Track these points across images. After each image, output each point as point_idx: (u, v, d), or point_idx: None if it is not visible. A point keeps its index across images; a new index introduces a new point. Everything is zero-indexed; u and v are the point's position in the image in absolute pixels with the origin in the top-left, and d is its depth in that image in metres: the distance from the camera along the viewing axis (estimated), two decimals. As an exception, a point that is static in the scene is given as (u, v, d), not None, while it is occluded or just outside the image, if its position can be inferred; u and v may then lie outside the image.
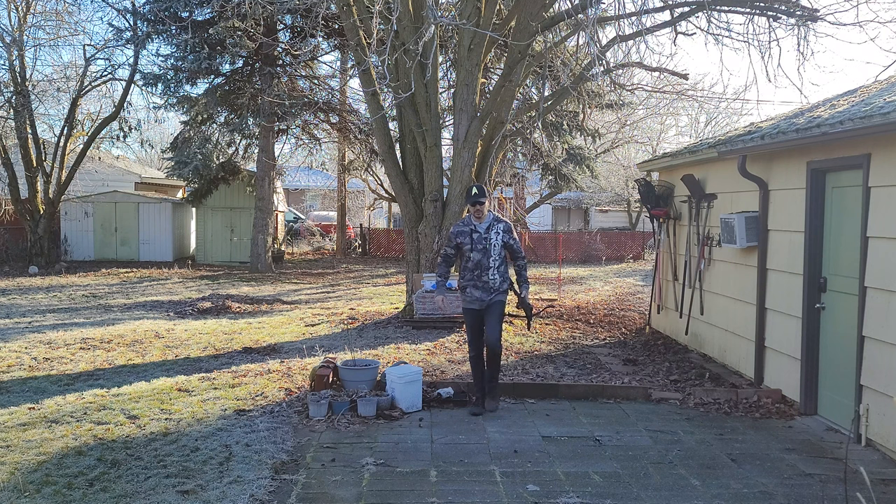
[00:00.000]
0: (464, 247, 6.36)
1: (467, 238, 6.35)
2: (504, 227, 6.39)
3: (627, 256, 26.23)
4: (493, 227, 6.36)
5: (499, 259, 6.33)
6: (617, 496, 4.66)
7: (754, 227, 7.41)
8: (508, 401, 6.92)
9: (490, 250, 6.29)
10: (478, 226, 6.35)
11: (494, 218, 6.42)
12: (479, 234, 6.32)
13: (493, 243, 6.31)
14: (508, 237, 6.40)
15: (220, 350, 9.09)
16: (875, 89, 7.04)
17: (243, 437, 5.71)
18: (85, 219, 21.71)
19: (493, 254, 6.29)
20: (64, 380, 7.46)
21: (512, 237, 6.41)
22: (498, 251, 6.32)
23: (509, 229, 6.42)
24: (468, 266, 6.36)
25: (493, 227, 6.36)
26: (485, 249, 6.29)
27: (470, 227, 6.37)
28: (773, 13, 8.63)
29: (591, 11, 7.72)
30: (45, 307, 12.57)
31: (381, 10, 9.10)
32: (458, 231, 6.41)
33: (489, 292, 6.33)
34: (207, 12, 17.50)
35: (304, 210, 39.04)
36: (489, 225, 6.36)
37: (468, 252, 6.34)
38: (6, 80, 19.06)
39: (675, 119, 28.51)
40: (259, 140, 19.57)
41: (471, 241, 6.33)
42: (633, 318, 12.13)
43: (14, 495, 4.50)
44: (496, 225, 6.38)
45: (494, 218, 6.42)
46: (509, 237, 6.40)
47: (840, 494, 4.68)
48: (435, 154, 10.67)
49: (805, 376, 6.53)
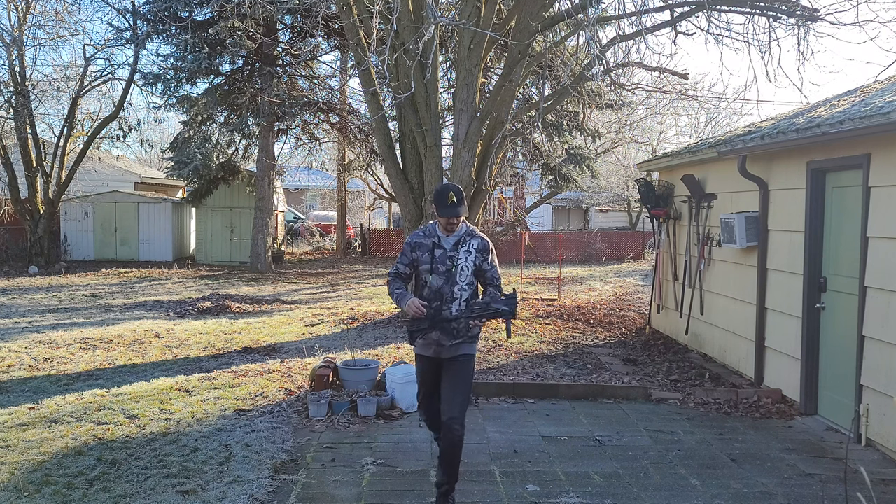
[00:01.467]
0: (420, 266, 4.56)
1: (426, 254, 4.53)
2: (479, 245, 4.55)
3: (627, 256, 26.22)
4: (463, 243, 4.53)
5: (467, 289, 4.52)
6: (617, 496, 4.66)
7: (754, 226, 7.41)
8: (508, 401, 6.93)
9: (456, 275, 4.48)
10: (443, 239, 4.54)
11: (468, 231, 4.59)
12: (442, 252, 4.50)
13: (460, 266, 4.49)
14: (484, 260, 4.53)
15: (220, 350, 9.09)
16: (875, 89, 7.04)
17: (243, 437, 5.70)
18: (85, 219, 21.70)
19: (460, 280, 4.48)
20: (64, 380, 7.46)
21: (489, 260, 4.56)
22: (467, 277, 4.50)
23: (486, 248, 4.56)
24: (423, 294, 4.53)
25: (465, 243, 4.53)
26: (449, 273, 4.47)
27: (432, 240, 4.55)
28: (773, 13, 8.62)
29: (591, 11, 7.72)
30: (45, 307, 12.57)
31: (380, 9, 9.10)
32: (416, 243, 4.59)
33: (452, 335, 4.46)
34: (207, 12, 17.49)
35: (304, 210, 39.04)
36: (459, 240, 4.54)
37: (425, 274, 4.53)
38: (6, 80, 19.06)
39: (675, 119, 28.51)
40: (259, 140, 19.56)
41: (431, 258, 4.51)
42: (633, 318, 12.12)
43: (14, 495, 4.50)
44: (468, 241, 4.54)
45: (468, 231, 4.59)
46: (485, 260, 4.54)
47: (840, 494, 4.68)
48: (435, 154, 10.66)
49: (805, 376, 6.53)
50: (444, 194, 4.44)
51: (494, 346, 9.36)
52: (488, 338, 9.81)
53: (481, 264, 4.54)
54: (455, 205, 4.45)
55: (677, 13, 9.21)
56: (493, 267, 4.60)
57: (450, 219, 4.47)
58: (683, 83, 16.36)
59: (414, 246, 4.61)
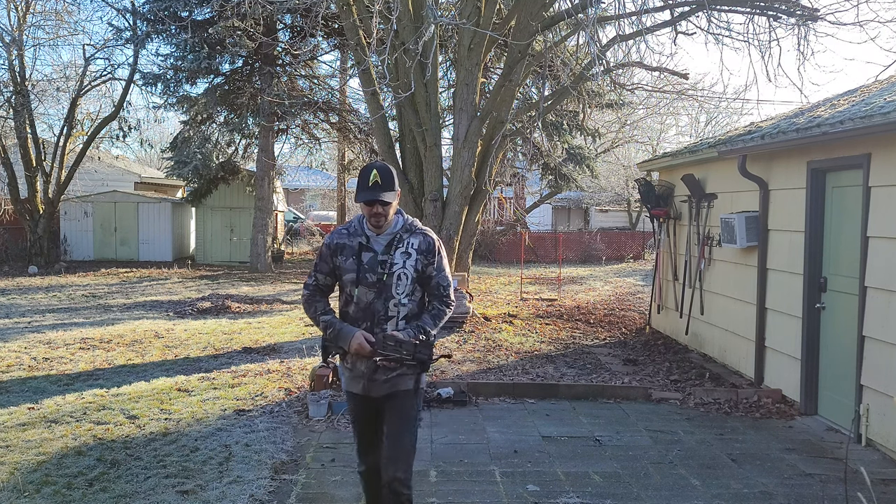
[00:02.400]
0: (344, 275, 3.45)
1: (351, 259, 3.43)
2: (421, 245, 3.46)
3: (627, 256, 26.22)
4: (401, 242, 3.44)
5: (408, 303, 3.43)
6: (617, 496, 4.66)
7: (754, 226, 7.41)
8: (508, 401, 6.92)
9: (391, 286, 3.39)
10: (373, 239, 3.45)
11: (406, 226, 3.49)
12: (372, 256, 3.42)
13: (397, 273, 3.40)
14: (428, 263, 3.46)
15: (220, 350, 9.08)
16: (875, 89, 7.04)
17: (243, 437, 5.70)
18: (84, 219, 21.69)
19: (397, 292, 3.40)
20: (63, 380, 7.46)
21: (435, 263, 3.47)
22: (406, 288, 3.41)
23: (431, 249, 3.47)
24: (349, 312, 3.47)
25: (401, 242, 3.45)
26: (381, 284, 3.39)
27: (358, 240, 3.45)
28: (773, 13, 8.62)
29: (591, 11, 7.71)
30: (45, 307, 12.56)
31: (380, 9, 9.10)
32: (338, 244, 3.48)
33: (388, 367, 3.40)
34: (207, 12, 17.48)
35: (303, 210, 39.02)
36: (394, 238, 3.44)
37: (350, 286, 3.43)
38: (6, 80, 19.05)
39: (676, 119, 28.49)
40: (259, 140, 19.56)
41: (357, 265, 3.41)
42: (634, 318, 12.12)
43: (14, 495, 4.50)
44: (408, 239, 3.46)
45: (406, 226, 3.49)
46: (429, 263, 3.46)
47: (840, 494, 4.68)
48: (435, 154, 10.66)
49: (805, 376, 6.53)
50: (366, 173, 3.31)
51: (494, 346, 9.36)
52: (488, 338, 9.81)
53: (425, 269, 3.44)
54: (378, 186, 3.28)
55: (677, 13, 9.21)
56: (440, 272, 3.48)
57: (372, 207, 3.32)
58: (683, 83, 16.34)
59: (335, 248, 3.48)
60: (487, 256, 24.32)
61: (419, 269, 3.44)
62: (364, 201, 3.32)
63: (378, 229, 3.43)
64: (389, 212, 3.40)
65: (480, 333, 10.06)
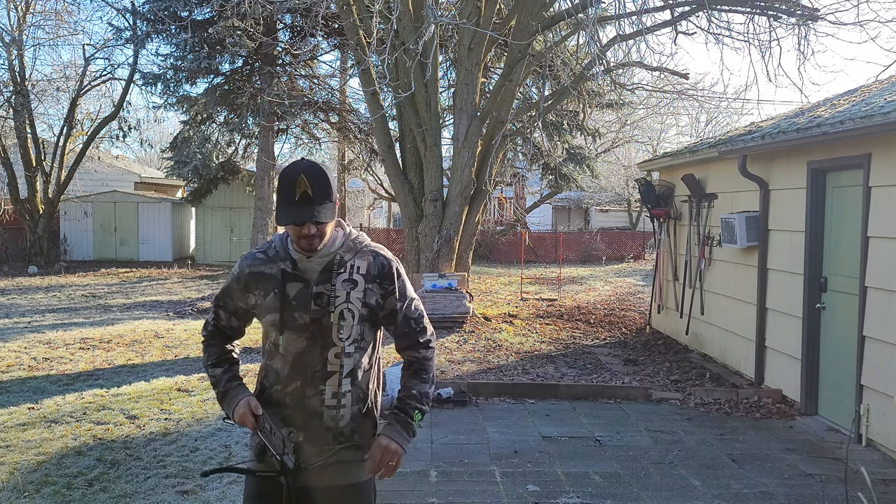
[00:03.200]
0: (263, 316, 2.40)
1: (271, 293, 2.35)
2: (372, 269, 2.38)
3: (628, 256, 26.22)
4: (342, 266, 2.35)
5: (355, 352, 2.36)
6: (617, 496, 4.65)
7: (755, 226, 7.40)
8: (508, 401, 6.92)
9: (330, 330, 2.32)
10: (302, 263, 2.34)
11: (350, 244, 2.39)
12: (301, 287, 2.33)
13: (340, 310, 2.32)
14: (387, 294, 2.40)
15: (220, 350, 9.07)
16: (875, 89, 7.04)
17: (243, 437, 5.69)
18: (84, 218, 21.69)
19: (340, 338, 2.33)
20: (63, 380, 7.46)
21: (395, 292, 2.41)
22: (351, 331, 2.34)
23: (386, 274, 2.40)
24: (273, 367, 2.42)
25: (345, 266, 2.35)
26: (316, 328, 2.33)
27: (280, 267, 2.35)
28: (773, 13, 8.62)
29: (592, 11, 7.72)
30: (45, 307, 12.56)
31: (380, 9, 9.11)
32: (252, 273, 2.39)
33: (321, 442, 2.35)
34: (207, 12, 17.47)
35: (303, 210, 38.94)
36: (334, 261, 2.34)
37: (273, 332, 2.38)
38: (6, 80, 19.06)
39: (676, 119, 28.46)
40: (259, 140, 19.55)
41: (280, 301, 2.34)
42: (634, 318, 12.12)
43: (14, 495, 4.50)
44: (351, 261, 2.37)
45: (350, 244, 2.39)
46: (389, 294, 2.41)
47: (841, 494, 4.67)
48: (435, 154, 10.66)
49: (805, 376, 6.53)
50: (290, 179, 2.21)
51: (494, 346, 9.36)
52: (488, 338, 9.81)
53: (382, 301, 2.39)
54: (309, 200, 2.21)
55: (677, 13, 9.22)
56: (404, 300, 2.43)
57: (300, 229, 2.23)
58: (684, 83, 16.33)
59: (246, 279, 2.39)
60: (487, 256, 24.32)
61: (371, 303, 2.36)
62: (292, 223, 2.22)
63: (309, 251, 2.29)
64: (326, 231, 2.29)
65: (480, 333, 10.05)
